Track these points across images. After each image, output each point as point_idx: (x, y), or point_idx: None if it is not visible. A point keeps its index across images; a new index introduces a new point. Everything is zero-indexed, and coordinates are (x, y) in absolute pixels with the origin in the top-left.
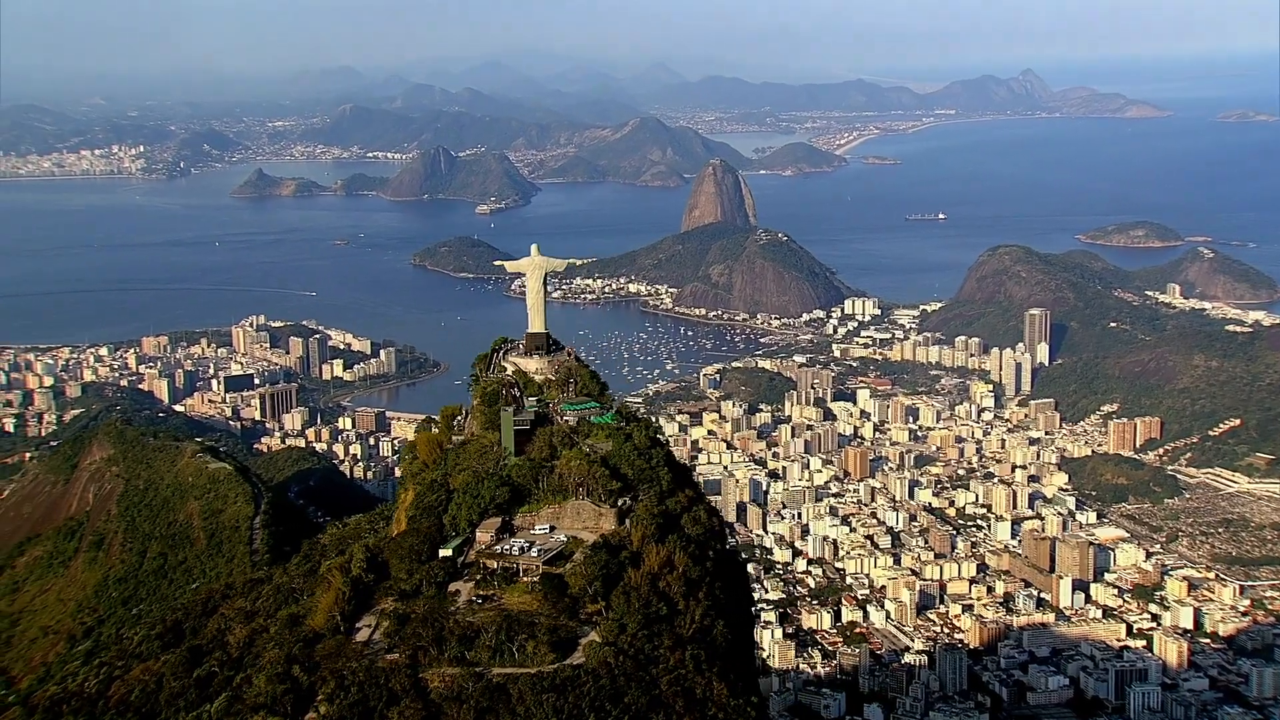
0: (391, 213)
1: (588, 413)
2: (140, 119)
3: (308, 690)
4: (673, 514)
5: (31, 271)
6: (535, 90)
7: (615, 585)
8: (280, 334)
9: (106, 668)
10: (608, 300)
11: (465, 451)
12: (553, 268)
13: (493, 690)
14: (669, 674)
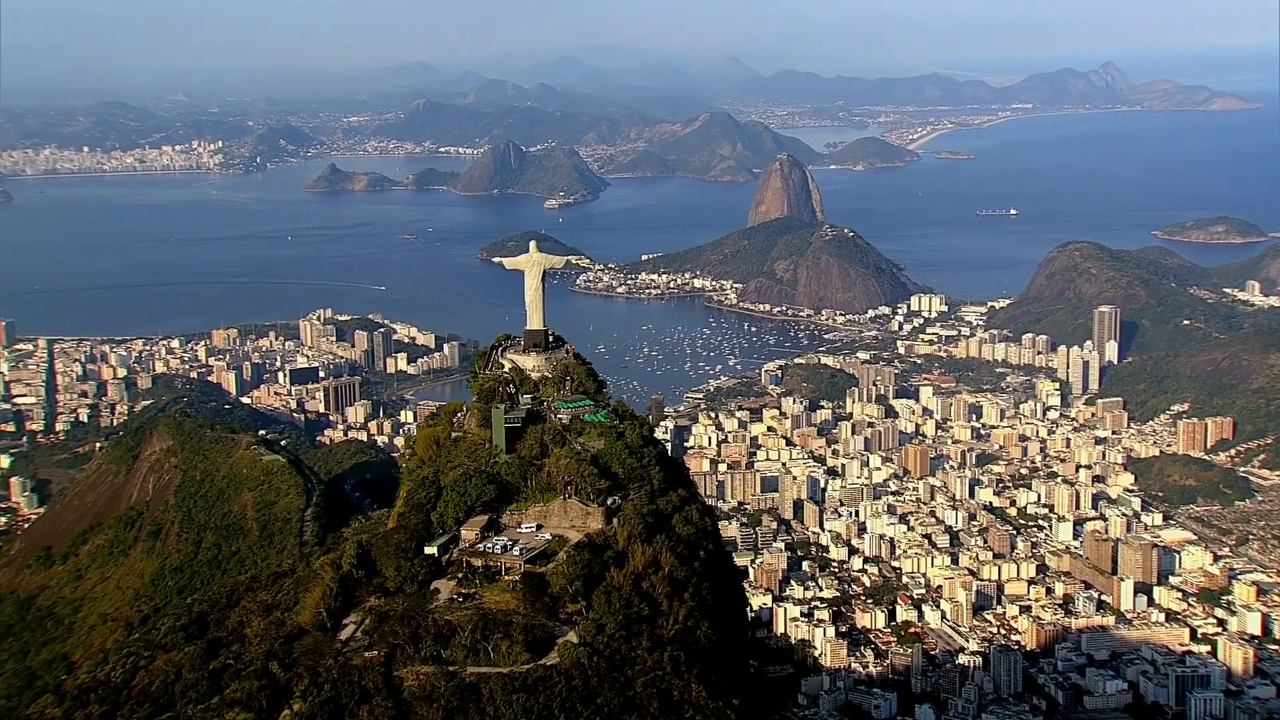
0: (461, 207)
1: (581, 410)
2: (220, 115)
3: (285, 687)
4: (663, 513)
5: (111, 265)
6: (607, 85)
7: (597, 585)
8: (346, 327)
9: (133, 657)
10: (672, 295)
11: (457, 448)
12: (551, 265)
13: (464, 690)
14: (645, 675)
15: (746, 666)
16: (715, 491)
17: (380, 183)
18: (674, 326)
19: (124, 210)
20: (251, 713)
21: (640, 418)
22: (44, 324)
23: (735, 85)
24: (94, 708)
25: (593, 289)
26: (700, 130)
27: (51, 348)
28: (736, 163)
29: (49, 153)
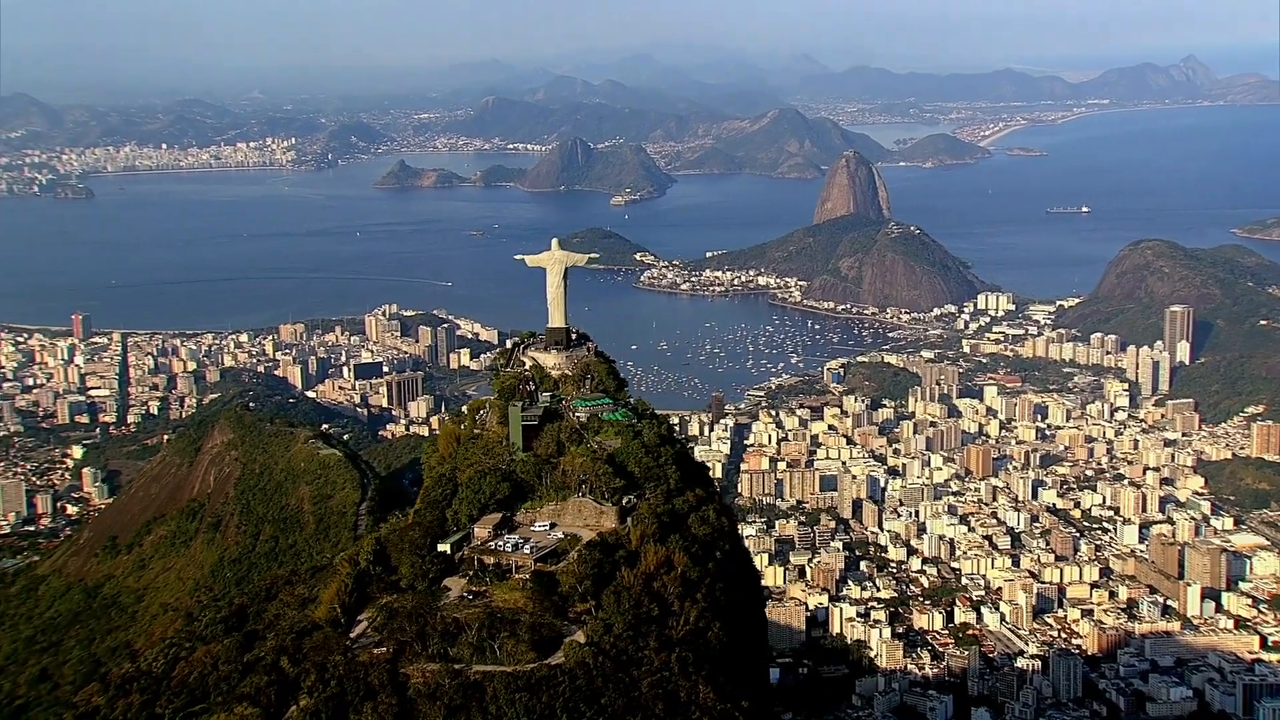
0: (527, 204)
1: (599, 409)
2: (294, 112)
3: (294, 682)
4: (679, 513)
5: (185, 260)
6: (677, 82)
7: (607, 585)
8: (411, 323)
9: (175, 648)
10: (736, 293)
11: (474, 446)
12: (573, 262)
13: (467, 688)
14: (651, 676)
15: (764, 668)
16: (774, 490)
17: (448, 179)
18: (737, 324)
19: (198, 206)
20: (259, 708)
21: (660, 416)
22: (119, 318)
23: (806, 81)
24: (135, 697)
25: (657, 286)
26: (768, 127)
27: (125, 341)
28: (804, 160)
29: (129, 150)
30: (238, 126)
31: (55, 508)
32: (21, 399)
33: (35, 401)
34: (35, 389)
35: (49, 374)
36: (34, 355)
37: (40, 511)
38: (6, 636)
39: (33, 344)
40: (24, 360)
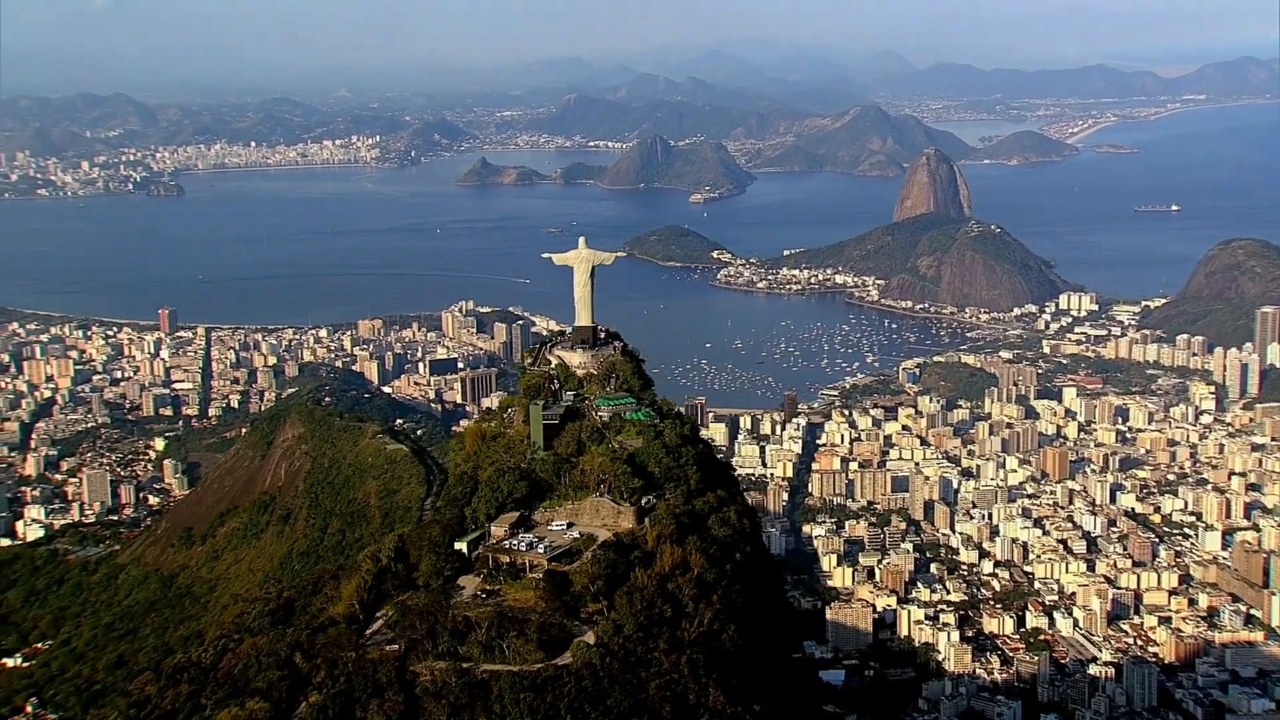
0: (607, 201)
1: (622, 408)
2: (380, 110)
3: (306, 678)
4: (700, 514)
5: (269, 256)
6: (759, 79)
7: (621, 585)
8: (487, 319)
9: (225, 639)
10: (813, 291)
11: (496, 444)
12: (600, 260)
13: (473, 687)
14: (660, 678)
15: (788, 670)
16: (844, 490)
17: (529, 176)
18: (813, 322)
19: (284, 203)
20: (269, 703)
21: (685, 416)
22: (204, 312)
23: (889, 78)
24: (183, 687)
25: (733, 284)
26: (850, 124)
27: (209, 335)
28: (886, 157)
29: (219, 147)
30: (324, 124)
31: (138, 498)
32: (110, 391)
33: (123, 394)
34: (123, 382)
35: (136, 367)
36: (123, 349)
37: (124, 501)
38: (88, 623)
39: (122, 338)
40: (113, 354)
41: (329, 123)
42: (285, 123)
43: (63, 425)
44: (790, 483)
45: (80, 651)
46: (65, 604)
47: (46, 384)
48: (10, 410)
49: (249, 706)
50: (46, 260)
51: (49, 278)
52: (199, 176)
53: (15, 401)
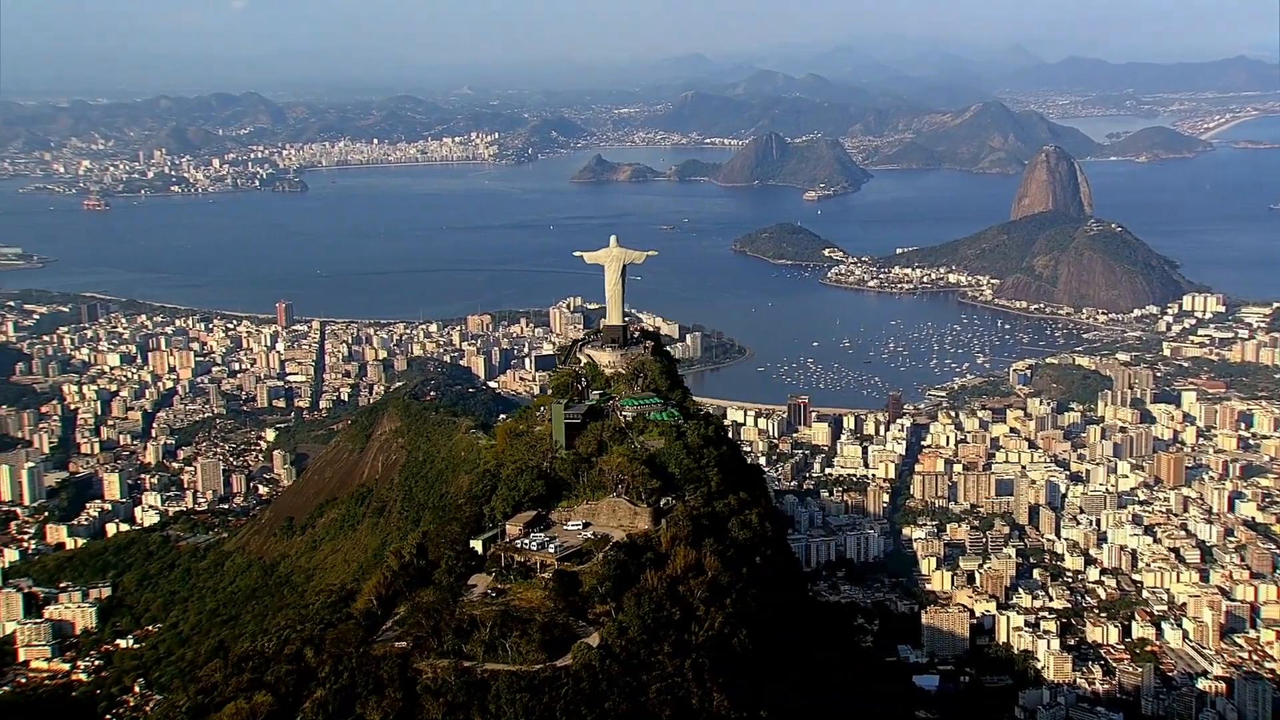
0: (720, 198)
1: (647, 408)
2: (499, 108)
3: (313, 673)
4: (720, 516)
5: (386, 252)
6: (880, 75)
7: (631, 586)
8: (594, 316)
9: (287, 630)
10: (925, 290)
11: (520, 442)
12: (631, 259)
13: (472, 686)
14: (661, 682)
15: (811, 670)
16: (947, 493)
17: (643, 173)
18: (924, 322)
19: (402, 199)
20: (276, 697)
21: (714, 418)
22: (320, 306)
23: (1016, 74)
24: (246, 675)
25: (844, 282)
26: (971, 121)
27: (324, 329)
28: (1007, 154)
29: (343, 145)
30: (445, 122)
31: (248, 487)
32: (227, 383)
33: (239, 385)
34: (240, 373)
35: (253, 359)
36: (242, 341)
37: (235, 490)
38: (194, 607)
39: (241, 330)
40: (232, 346)
41: (449, 120)
42: (407, 120)
43: (182, 415)
44: (891, 484)
45: (186, 635)
46: (175, 589)
47: (169, 375)
48: (135, 400)
49: (256, 700)
50: (176, 255)
51: (177, 271)
52: (322, 173)
53: (140, 391)
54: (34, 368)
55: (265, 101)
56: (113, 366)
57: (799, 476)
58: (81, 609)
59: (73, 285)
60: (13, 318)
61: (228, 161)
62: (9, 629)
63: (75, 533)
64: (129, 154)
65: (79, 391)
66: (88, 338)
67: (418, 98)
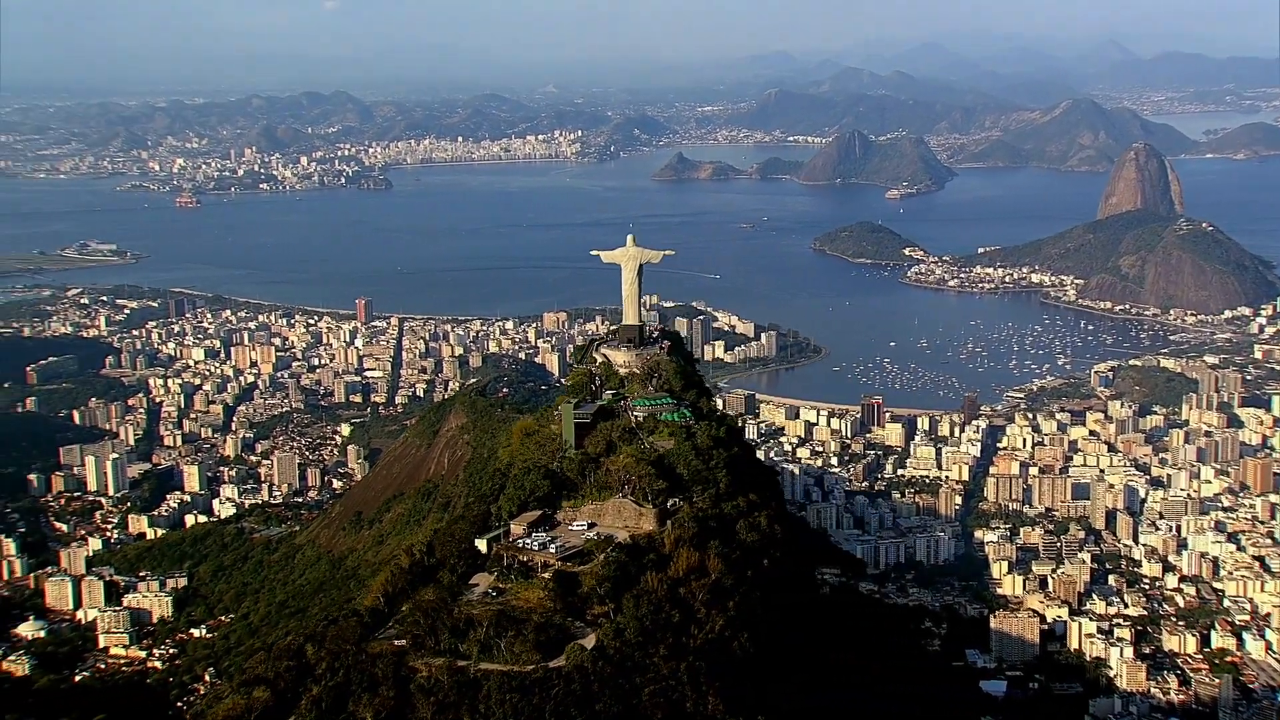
0: (801, 197)
1: (659, 409)
2: (584, 106)
3: (311, 669)
4: (728, 518)
5: (466, 249)
6: (968, 72)
7: (631, 588)
8: (669, 314)
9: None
10: (1006, 290)
11: (530, 441)
12: (647, 259)
13: (464, 686)
14: (655, 684)
15: (823, 670)
16: (1021, 496)
17: (724, 171)
18: (1004, 322)
19: (483, 197)
20: (273, 692)
21: (728, 418)
22: (399, 302)
23: (1110, 69)
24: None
25: (923, 282)
26: (1060, 118)
27: (402, 325)
28: (1097, 152)
29: (428, 143)
30: (529, 120)
31: (323, 481)
32: (307, 378)
33: (318, 380)
34: (319, 368)
35: (332, 355)
36: (322, 336)
37: (310, 484)
38: (265, 599)
39: (322, 326)
40: (313, 341)
41: (534, 118)
42: (492, 118)
43: (261, 409)
44: (965, 486)
45: (255, 626)
46: (247, 580)
47: (251, 369)
48: (217, 394)
49: (255, 695)
50: (262, 251)
51: (263, 268)
52: (406, 171)
53: (222, 385)
54: (123, 361)
55: (354, 100)
56: (197, 361)
57: (870, 477)
58: (159, 598)
59: (163, 281)
60: (105, 312)
61: (315, 159)
62: (91, 616)
63: (156, 523)
64: (221, 152)
65: (164, 385)
66: (175, 332)
67: (503, 96)
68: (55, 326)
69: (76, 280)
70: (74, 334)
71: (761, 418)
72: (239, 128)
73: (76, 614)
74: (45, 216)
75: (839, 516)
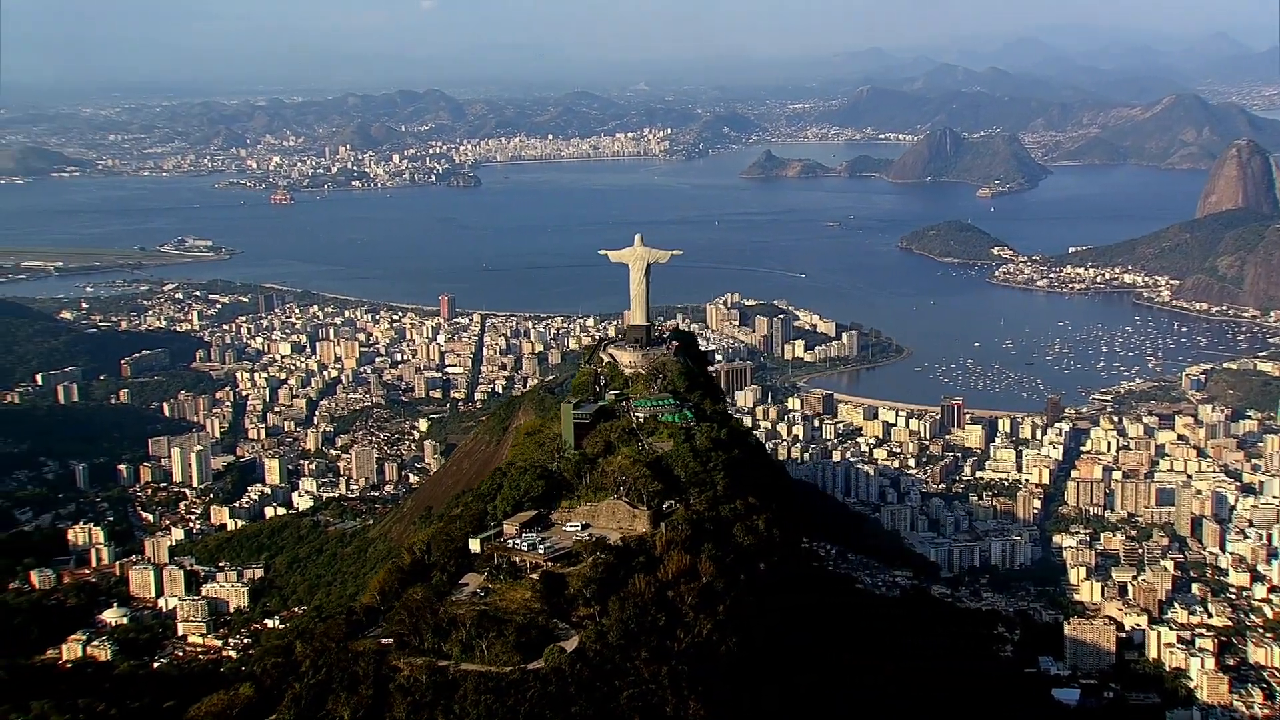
0: (890, 195)
1: (660, 410)
2: (674, 103)
3: (295, 666)
4: (724, 520)
5: (550, 246)
6: (1067, 68)
7: (619, 590)
8: (750, 312)
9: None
10: (1098, 290)
11: (530, 441)
12: (655, 259)
13: (440, 686)
14: (634, 688)
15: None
16: (1103, 501)
17: (813, 169)
18: (1093, 323)
19: (570, 194)
20: (258, 688)
21: (732, 420)
22: (482, 299)
23: (1218, 63)
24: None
25: (1011, 282)
26: (1162, 114)
27: (484, 322)
28: (1200, 149)
29: (518, 141)
30: (619, 118)
31: (400, 476)
32: (389, 373)
33: (400, 376)
34: (401, 364)
35: (414, 350)
36: (405, 332)
37: (387, 478)
38: (336, 592)
39: (405, 322)
40: (396, 337)
41: (623, 116)
42: (582, 116)
43: (343, 404)
44: (1045, 490)
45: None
46: (320, 573)
47: (335, 364)
48: (301, 388)
49: (240, 692)
50: (351, 247)
51: (351, 264)
52: (496, 168)
53: (307, 380)
54: (212, 355)
55: (447, 98)
56: (284, 355)
57: (948, 479)
58: (235, 588)
59: (254, 276)
60: (198, 307)
61: (407, 157)
62: (171, 604)
63: (236, 514)
64: (316, 150)
65: (251, 379)
66: (263, 327)
67: (593, 94)
68: (150, 320)
69: (173, 275)
70: (167, 328)
71: (839, 418)
72: (335, 126)
73: (158, 602)
74: (147, 213)
75: (913, 518)
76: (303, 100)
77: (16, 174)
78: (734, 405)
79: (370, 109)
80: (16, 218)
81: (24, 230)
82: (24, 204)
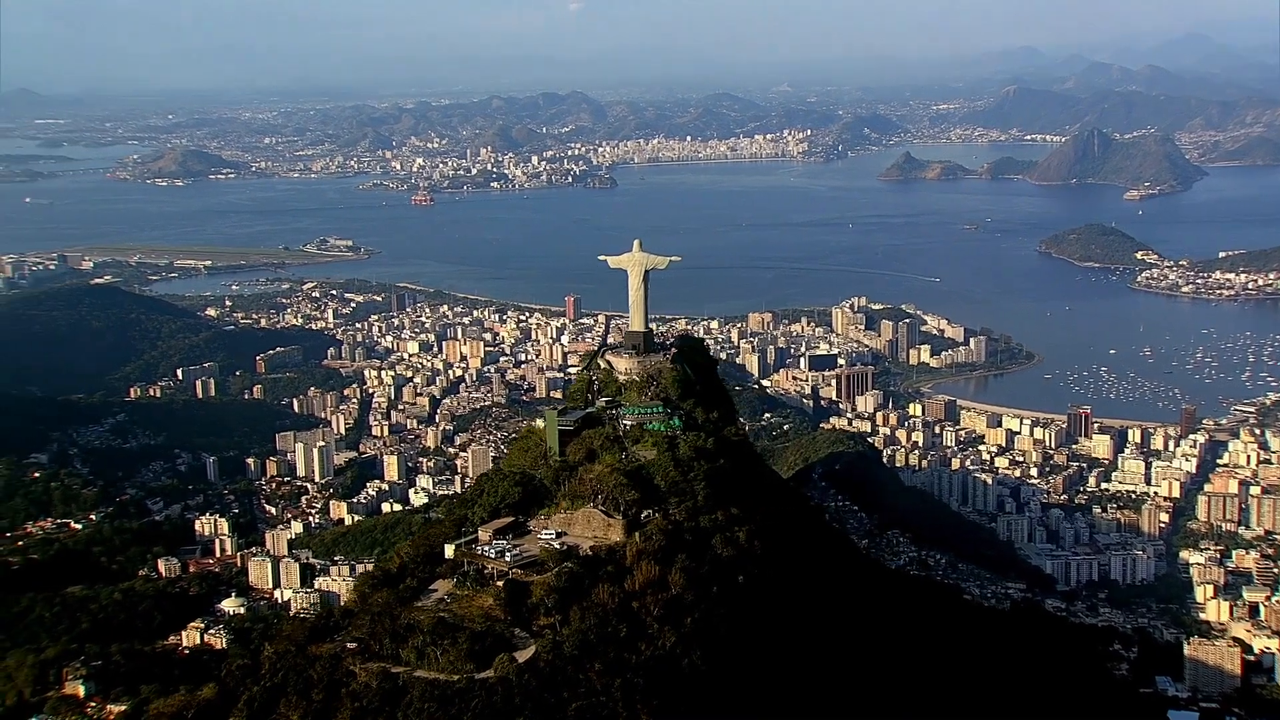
0: (1032, 197)
1: (648, 417)
2: (816, 104)
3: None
4: (704, 531)
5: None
6: (1233, 64)
7: (583, 599)
8: (876, 316)
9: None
10: (1249, 297)
11: (516, 447)
12: (654, 265)
13: (389, 693)
14: (583, 700)
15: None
16: (1238, 516)
17: (953, 171)
18: (1241, 331)
19: (706, 196)
20: (221, 689)
21: (726, 429)
22: (609, 300)
23: None
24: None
25: (1154, 287)
26: None
27: (609, 323)
28: None
29: (656, 142)
30: (759, 119)
31: None
32: (512, 373)
33: (523, 375)
34: (524, 364)
35: (538, 350)
36: (530, 332)
37: None
38: None
39: (531, 322)
40: (521, 337)
41: (764, 117)
42: (721, 117)
43: (465, 402)
44: (1174, 504)
45: None
46: None
47: (460, 363)
48: (426, 386)
49: (201, 693)
50: (484, 248)
51: (483, 264)
52: (633, 170)
53: (431, 378)
54: (344, 353)
55: (589, 100)
56: (411, 354)
57: (1071, 490)
58: (347, 582)
59: (390, 276)
60: (334, 305)
61: (545, 159)
62: (286, 596)
63: (354, 510)
64: (459, 152)
65: (378, 376)
66: (394, 326)
67: (734, 95)
68: (287, 318)
69: (313, 274)
70: (303, 326)
71: (961, 424)
72: (478, 128)
73: (275, 593)
74: (293, 213)
75: (1031, 529)
76: (449, 102)
77: (178, 176)
78: (854, 410)
79: (513, 111)
80: (175, 219)
81: (180, 230)
82: (183, 205)
